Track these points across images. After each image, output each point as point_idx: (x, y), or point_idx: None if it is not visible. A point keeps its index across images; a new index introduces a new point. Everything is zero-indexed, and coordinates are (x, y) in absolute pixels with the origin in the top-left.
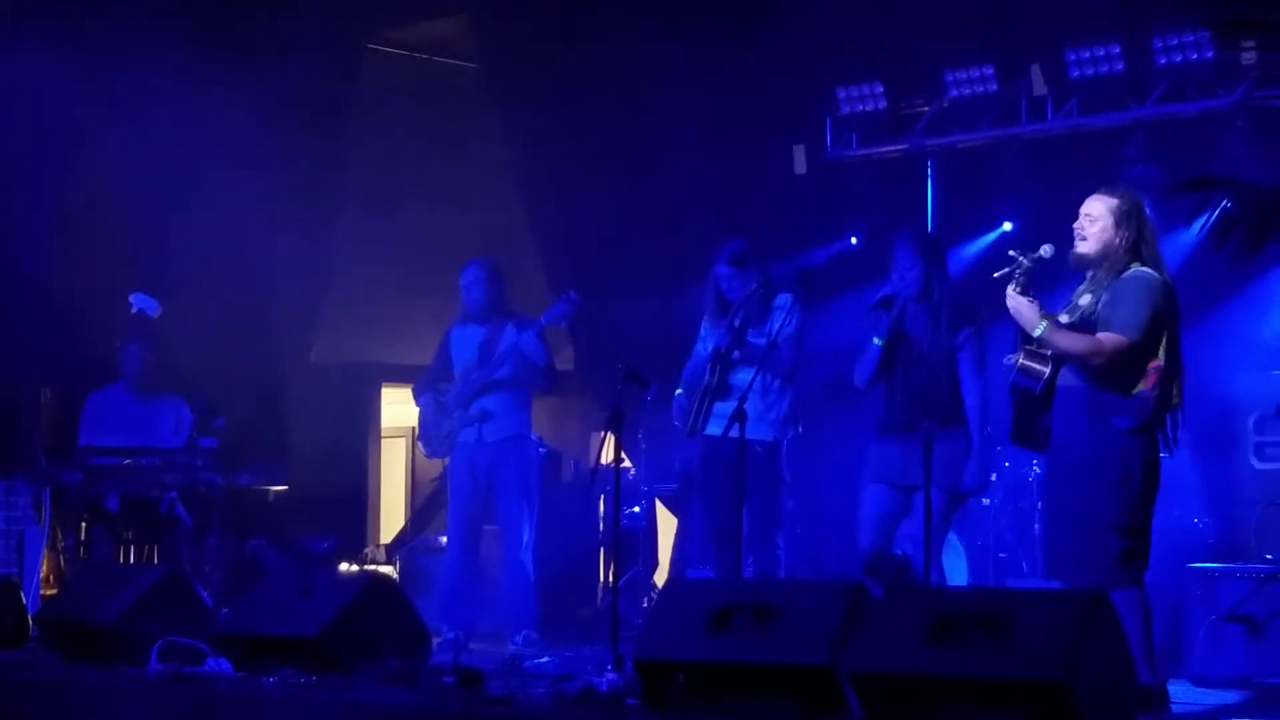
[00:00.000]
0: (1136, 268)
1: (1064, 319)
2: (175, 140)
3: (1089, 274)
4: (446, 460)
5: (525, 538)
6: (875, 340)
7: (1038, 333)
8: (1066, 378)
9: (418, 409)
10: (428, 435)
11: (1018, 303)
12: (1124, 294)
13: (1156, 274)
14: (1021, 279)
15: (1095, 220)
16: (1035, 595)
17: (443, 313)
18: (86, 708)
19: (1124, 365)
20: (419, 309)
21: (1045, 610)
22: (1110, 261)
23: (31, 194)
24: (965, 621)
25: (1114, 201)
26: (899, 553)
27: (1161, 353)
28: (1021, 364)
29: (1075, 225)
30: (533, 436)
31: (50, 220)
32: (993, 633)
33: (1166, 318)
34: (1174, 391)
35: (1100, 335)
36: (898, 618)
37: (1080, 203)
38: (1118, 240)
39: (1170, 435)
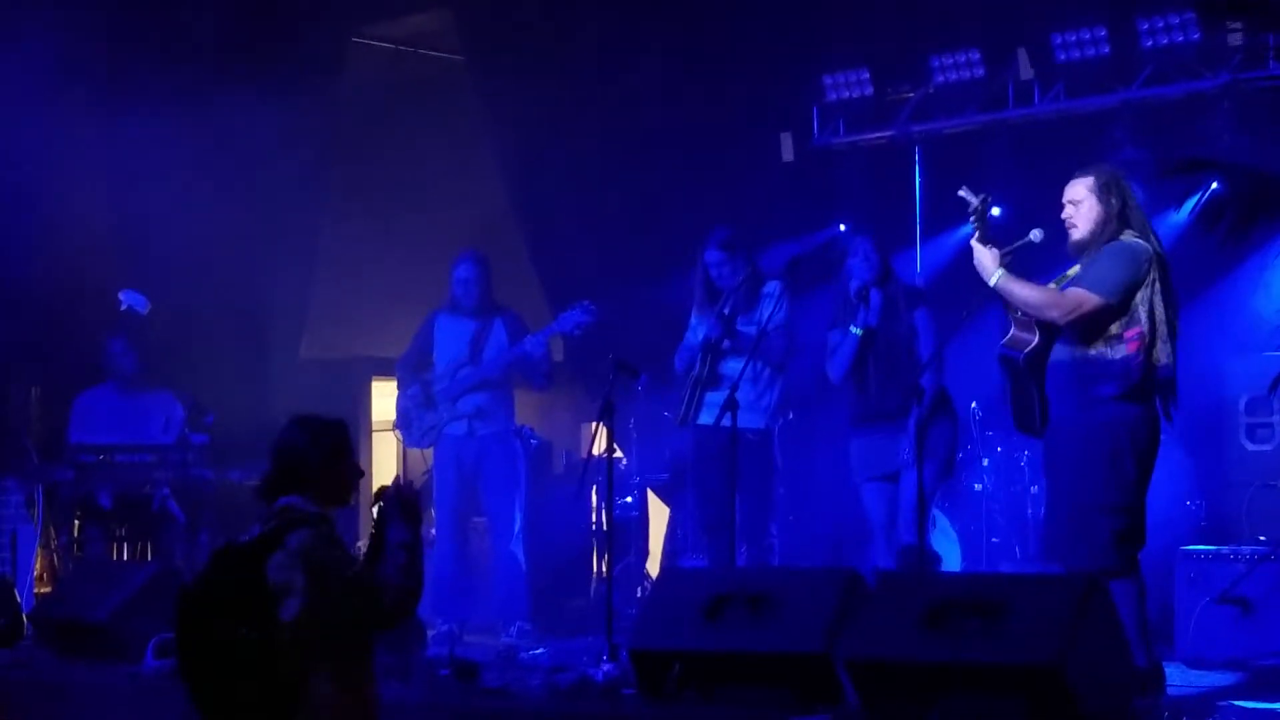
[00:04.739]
0: (1127, 236)
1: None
2: (160, 137)
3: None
4: (430, 453)
5: (515, 529)
6: (854, 329)
7: (993, 281)
8: (1056, 353)
9: (399, 396)
10: (408, 424)
11: (980, 252)
12: (1102, 258)
13: (1143, 241)
14: (977, 222)
15: (1079, 203)
16: (1029, 581)
17: (432, 305)
18: (82, 706)
19: (1091, 324)
20: (407, 302)
21: (1039, 596)
22: (1101, 235)
23: (17, 192)
24: (960, 608)
25: (1090, 179)
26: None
27: (1144, 317)
28: (1011, 335)
29: (1064, 216)
30: (523, 429)
31: (37, 218)
32: (987, 619)
33: (1151, 283)
34: (1163, 356)
35: (1066, 290)
36: (893, 605)
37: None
38: (1105, 213)
39: (1169, 400)
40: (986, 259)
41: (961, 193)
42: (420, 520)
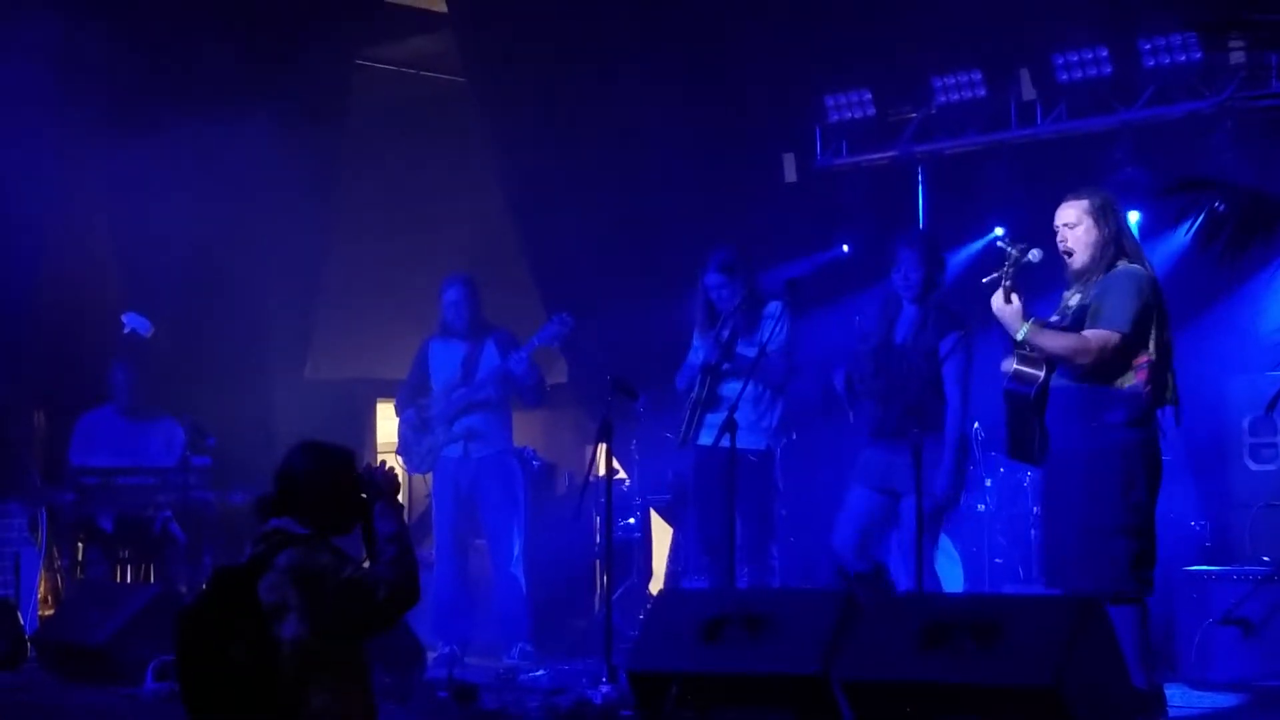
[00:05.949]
0: (1124, 264)
1: (1054, 319)
2: (163, 160)
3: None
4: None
5: (515, 551)
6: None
7: (1021, 335)
8: (1057, 378)
9: (399, 423)
10: (408, 450)
11: (1001, 307)
12: (1112, 289)
13: (1142, 268)
14: (1011, 273)
15: (1075, 225)
16: (1026, 602)
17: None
18: None
19: (1113, 359)
20: (412, 324)
21: (1036, 617)
22: (1100, 260)
23: (21, 215)
24: (957, 629)
25: (1085, 202)
26: (872, 561)
27: (1152, 345)
28: (1015, 370)
29: (1058, 240)
30: (524, 450)
31: (41, 240)
32: (984, 640)
33: (1155, 311)
34: (1168, 383)
35: (1086, 333)
36: (890, 626)
37: None
38: (1102, 237)
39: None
40: (1010, 314)
41: (1000, 244)
42: (400, 504)
